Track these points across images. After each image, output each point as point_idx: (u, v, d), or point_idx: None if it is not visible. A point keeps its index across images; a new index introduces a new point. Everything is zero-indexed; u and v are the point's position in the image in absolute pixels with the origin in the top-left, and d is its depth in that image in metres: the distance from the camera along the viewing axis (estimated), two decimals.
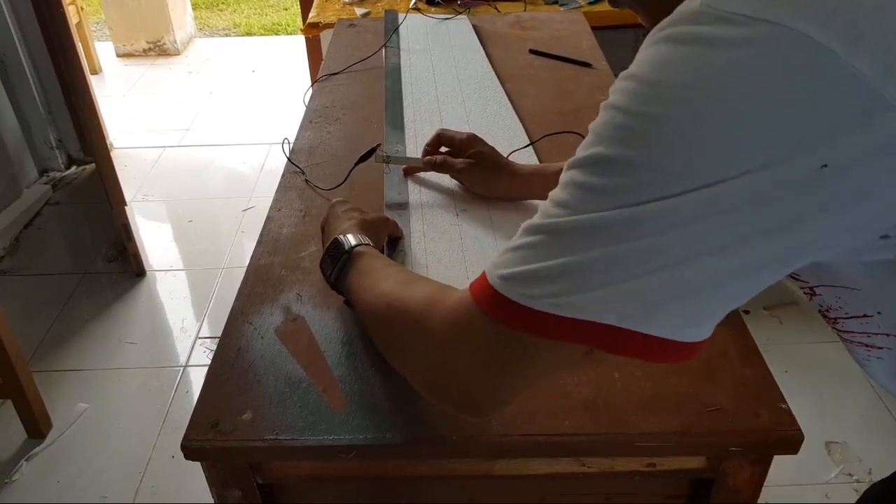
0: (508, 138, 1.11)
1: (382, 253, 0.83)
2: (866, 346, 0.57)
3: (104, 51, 3.93)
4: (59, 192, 2.65)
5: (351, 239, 0.72)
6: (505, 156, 0.96)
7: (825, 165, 0.36)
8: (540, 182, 0.91)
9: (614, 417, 0.65)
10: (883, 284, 0.50)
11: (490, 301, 0.45)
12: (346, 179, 1.01)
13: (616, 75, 0.43)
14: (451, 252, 0.86)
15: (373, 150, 0.98)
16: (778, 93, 0.36)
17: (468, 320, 0.47)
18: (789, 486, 1.48)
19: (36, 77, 2.59)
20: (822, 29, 0.35)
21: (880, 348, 0.56)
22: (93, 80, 2.22)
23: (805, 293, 0.58)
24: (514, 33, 1.59)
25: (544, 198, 0.44)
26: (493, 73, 1.35)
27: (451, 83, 1.32)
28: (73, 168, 2.78)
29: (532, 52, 1.45)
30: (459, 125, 1.16)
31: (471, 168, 0.94)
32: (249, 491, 0.69)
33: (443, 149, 1.00)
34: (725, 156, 0.37)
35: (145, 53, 4.01)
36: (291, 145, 1.15)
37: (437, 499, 0.75)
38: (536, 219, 0.44)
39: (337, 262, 0.71)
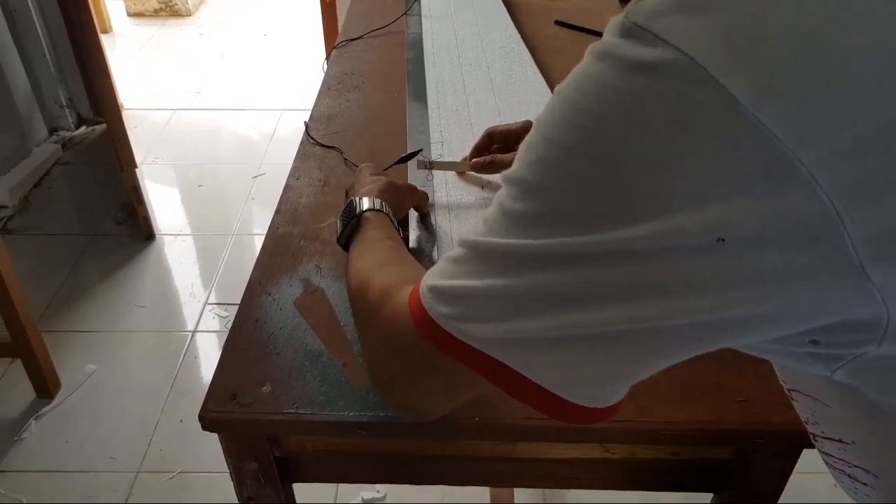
0: (536, 104, 1.08)
1: (404, 221, 0.81)
2: (849, 476, 0.47)
3: (115, 9, 3.88)
4: (69, 152, 2.62)
5: (364, 202, 0.71)
6: None
7: (721, 239, 0.30)
8: None
9: (640, 405, 0.64)
10: (851, 409, 0.41)
11: (417, 311, 0.43)
12: (385, 171, 0.96)
13: None
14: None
15: (413, 154, 0.91)
16: (667, 136, 0.30)
17: (402, 324, 0.45)
18: (798, 475, 1.47)
19: (47, 34, 2.55)
20: (727, 66, 0.29)
21: (864, 484, 0.46)
22: (103, 39, 2.19)
23: (787, 393, 0.49)
24: (539, 3, 1.55)
25: None
26: (520, 38, 1.31)
27: (474, 50, 1.29)
28: (83, 128, 2.76)
29: (558, 23, 1.41)
30: (484, 93, 1.13)
31: None
32: (266, 463, 0.68)
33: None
34: (608, 200, 0.32)
35: (156, 13, 3.95)
36: (309, 112, 1.12)
37: (453, 477, 0.74)
38: (470, 230, 0.41)
39: (346, 226, 0.70)
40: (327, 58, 1.34)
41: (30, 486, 1.48)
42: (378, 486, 1.48)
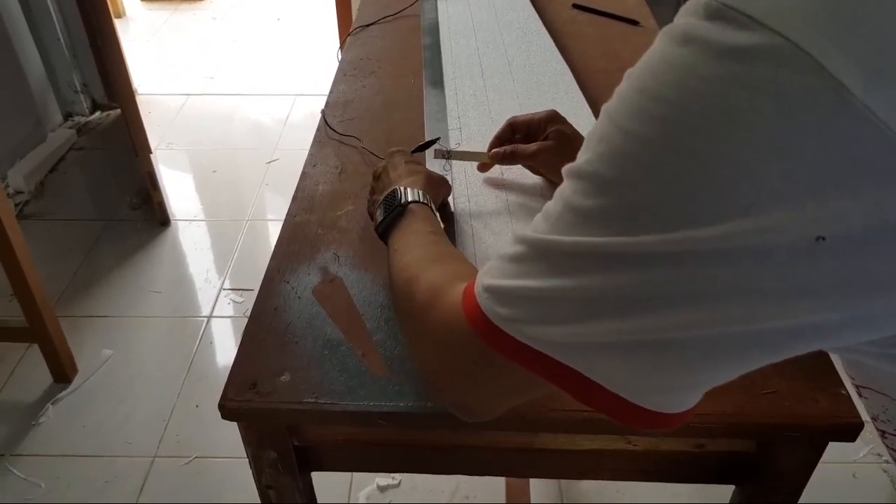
0: (554, 84, 1.07)
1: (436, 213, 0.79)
2: None
3: None
4: (84, 138, 2.63)
5: (409, 193, 0.69)
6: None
7: (821, 238, 0.28)
8: None
9: None
10: None
11: (473, 311, 0.42)
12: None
13: None
14: (498, 216, 0.83)
15: (431, 143, 0.88)
16: (764, 127, 0.28)
17: (456, 324, 0.44)
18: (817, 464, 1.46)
19: (61, 19, 2.55)
20: (833, 50, 0.26)
21: None
22: (117, 24, 2.18)
23: (855, 389, 0.48)
24: None
25: None
26: (538, 20, 1.30)
27: (491, 33, 1.27)
28: (98, 113, 2.76)
29: (576, 6, 1.39)
30: (502, 77, 1.12)
31: (547, 150, 0.81)
32: (285, 452, 0.68)
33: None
34: (696, 195, 0.30)
35: None
36: (323, 97, 1.11)
37: (473, 467, 0.73)
38: (529, 226, 0.39)
39: (389, 214, 0.68)
40: (341, 46, 1.32)
41: (47, 470, 1.49)
42: (394, 473, 1.48)
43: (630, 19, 1.32)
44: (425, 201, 0.69)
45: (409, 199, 0.68)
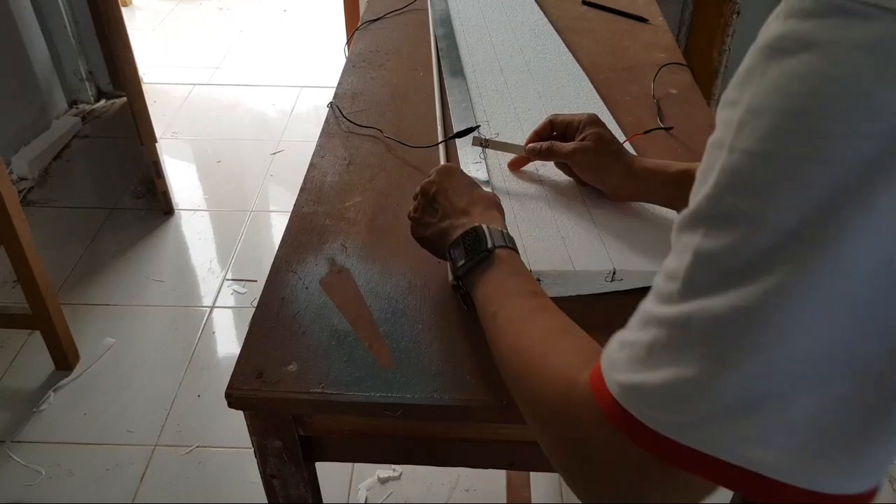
0: (575, 90, 1.07)
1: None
2: None
3: None
4: (89, 125, 2.63)
5: (494, 235, 0.61)
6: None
7: None
8: (658, 181, 0.75)
9: None
10: None
11: (610, 407, 0.36)
12: (437, 145, 0.95)
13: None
14: (543, 219, 0.81)
15: (470, 130, 0.88)
16: None
17: (599, 429, 0.37)
18: None
19: (67, 6, 2.54)
20: None
21: None
22: (123, 13, 2.16)
23: None
24: None
25: (661, 201, 0.38)
26: (548, 22, 1.30)
27: (505, 32, 1.27)
28: (103, 101, 2.75)
29: (585, 3, 1.39)
30: (521, 75, 1.12)
31: (584, 150, 0.79)
32: (290, 442, 0.68)
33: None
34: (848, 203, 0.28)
35: None
36: (328, 89, 1.11)
37: (478, 460, 0.73)
38: (650, 298, 0.35)
39: (473, 258, 0.60)
40: (348, 42, 1.32)
41: (48, 457, 1.50)
42: (398, 465, 1.48)
43: (639, 16, 1.32)
44: (511, 245, 0.61)
45: (497, 243, 0.60)
